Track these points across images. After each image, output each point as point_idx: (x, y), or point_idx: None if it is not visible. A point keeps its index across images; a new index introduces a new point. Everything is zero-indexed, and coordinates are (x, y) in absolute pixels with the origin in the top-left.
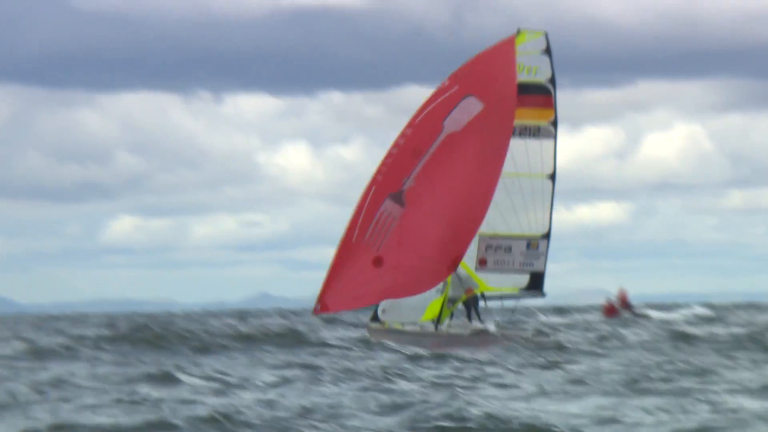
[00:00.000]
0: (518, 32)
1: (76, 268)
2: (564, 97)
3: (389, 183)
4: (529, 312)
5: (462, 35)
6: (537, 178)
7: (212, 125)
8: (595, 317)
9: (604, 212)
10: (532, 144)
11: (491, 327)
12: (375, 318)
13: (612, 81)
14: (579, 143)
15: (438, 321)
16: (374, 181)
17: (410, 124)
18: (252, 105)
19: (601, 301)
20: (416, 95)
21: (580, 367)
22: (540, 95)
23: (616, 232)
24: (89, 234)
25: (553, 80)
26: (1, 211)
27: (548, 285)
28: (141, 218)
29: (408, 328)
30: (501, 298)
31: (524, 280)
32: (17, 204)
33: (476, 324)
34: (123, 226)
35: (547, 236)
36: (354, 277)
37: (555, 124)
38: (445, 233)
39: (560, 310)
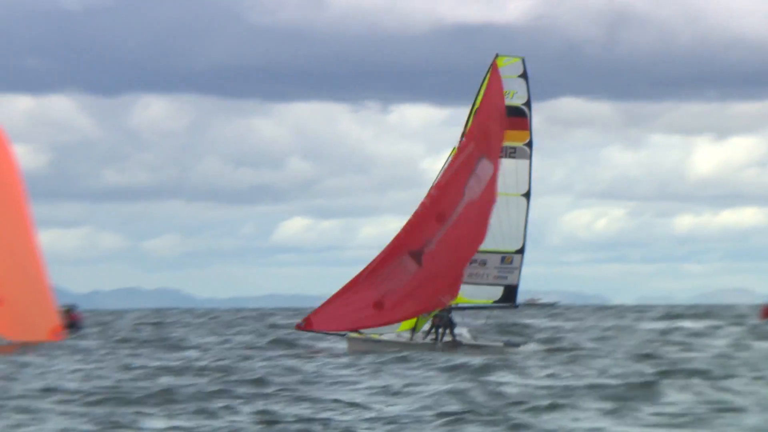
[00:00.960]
0: (497, 56)
1: (250, 265)
2: (711, 109)
3: (412, 239)
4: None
5: (615, 50)
6: (512, 197)
7: (379, 133)
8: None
9: (747, 216)
10: (509, 164)
11: (465, 335)
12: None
13: (757, 94)
14: (725, 152)
15: (413, 330)
16: (399, 237)
17: (437, 186)
18: (417, 114)
19: (743, 300)
20: (572, 106)
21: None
22: (517, 117)
23: (759, 235)
24: (263, 234)
25: (528, 103)
26: (181, 212)
27: (694, 284)
28: (311, 219)
29: (385, 337)
30: (475, 309)
31: (498, 292)
32: (196, 206)
33: (447, 337)
34: (294, 227)
35: (521, 251)
36: (351, 308)
37: (530, 144)
38: (451, 284)
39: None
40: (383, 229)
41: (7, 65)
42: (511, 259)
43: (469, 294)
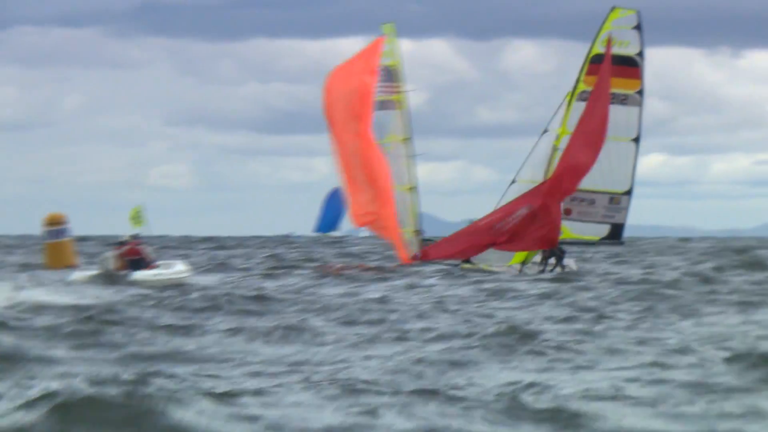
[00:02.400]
0: (612, 9)
1: None
2: None
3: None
4: None
5: None
6: (623, 141)
7: (731, 77)
8: None
9: None
10: (620, 110)
11: (572, 265)
12: (466, 260)
13: None
14: None
15: (523, 263)
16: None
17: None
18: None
19: None
20: None
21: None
22: (629, 67)
23: None
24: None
25: (641, 53)
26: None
27: None
28: (667, 155)
29: (495, 268)
30: (582, 244)
31: (605, 230)
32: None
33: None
34: (651, 162)
35: (629, 193)
36: (467, 243)
37: (641, 93)
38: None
39: None
40: (733, 165)
41: (391, 11)
42: (619, 200)
43: (578, 230)
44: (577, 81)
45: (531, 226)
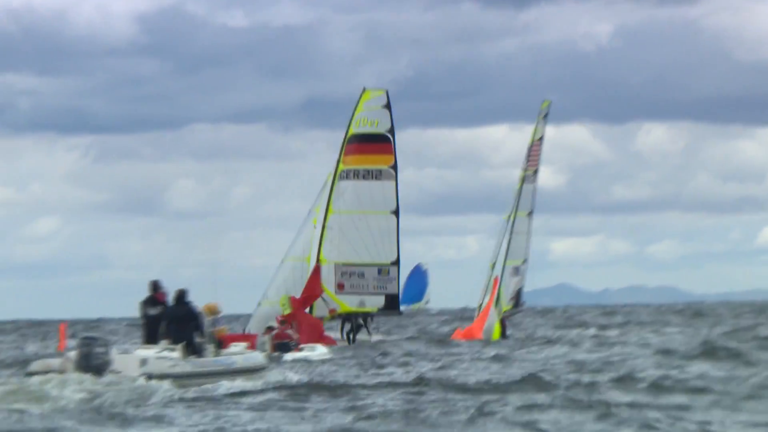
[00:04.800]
0: (364, 90)
1: (737, 265)
2: None
3: None
4: None
5: None
6: (382, 214)
7: None
8: None
9: None
10: (375, 185)
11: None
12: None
13: None
14: None
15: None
16: None
17: None
18: None
19: None
20: None
21: None
22: (381, 143)
23: None
24: (747, 238)
25: (392, 131)
26: (678, 222)
27: None
28: None
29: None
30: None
31: (380, 300)
32: (691, 216)
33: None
34: None
35: (396, 263)
36: None
37: (395, 167)
38: None
39: None
40: None
41: (535, 101)
42: (388, 270)
43: (353, 303)
44: (338, 162)
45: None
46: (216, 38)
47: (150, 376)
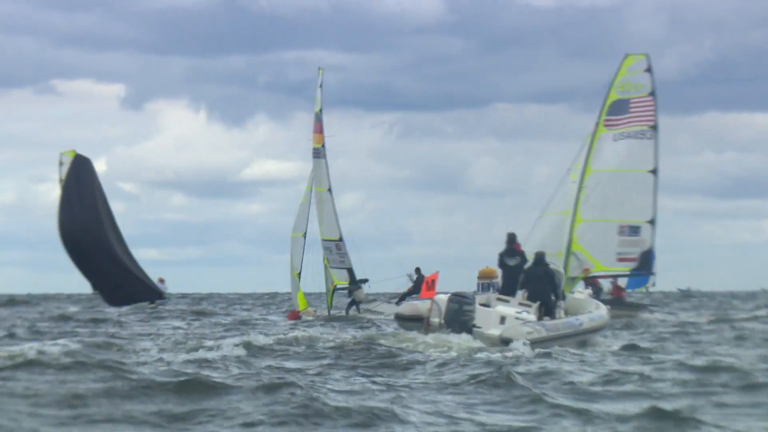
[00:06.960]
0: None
1: None
2: None
3: None
4: None
5: None
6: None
7: None
8: None
9: None
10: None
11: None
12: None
13: None
14: None
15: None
16: None
17: None
18: None
19: None
20: None
21: None
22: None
23: None
24: None
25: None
26: None
27: None
28: None
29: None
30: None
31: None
32: None
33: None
34: None
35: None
36: None
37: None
38: None
39: None
40: None
41: None
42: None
43: (341, 276)
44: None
45: None
46: (521, 18)
47: (506, 342)
